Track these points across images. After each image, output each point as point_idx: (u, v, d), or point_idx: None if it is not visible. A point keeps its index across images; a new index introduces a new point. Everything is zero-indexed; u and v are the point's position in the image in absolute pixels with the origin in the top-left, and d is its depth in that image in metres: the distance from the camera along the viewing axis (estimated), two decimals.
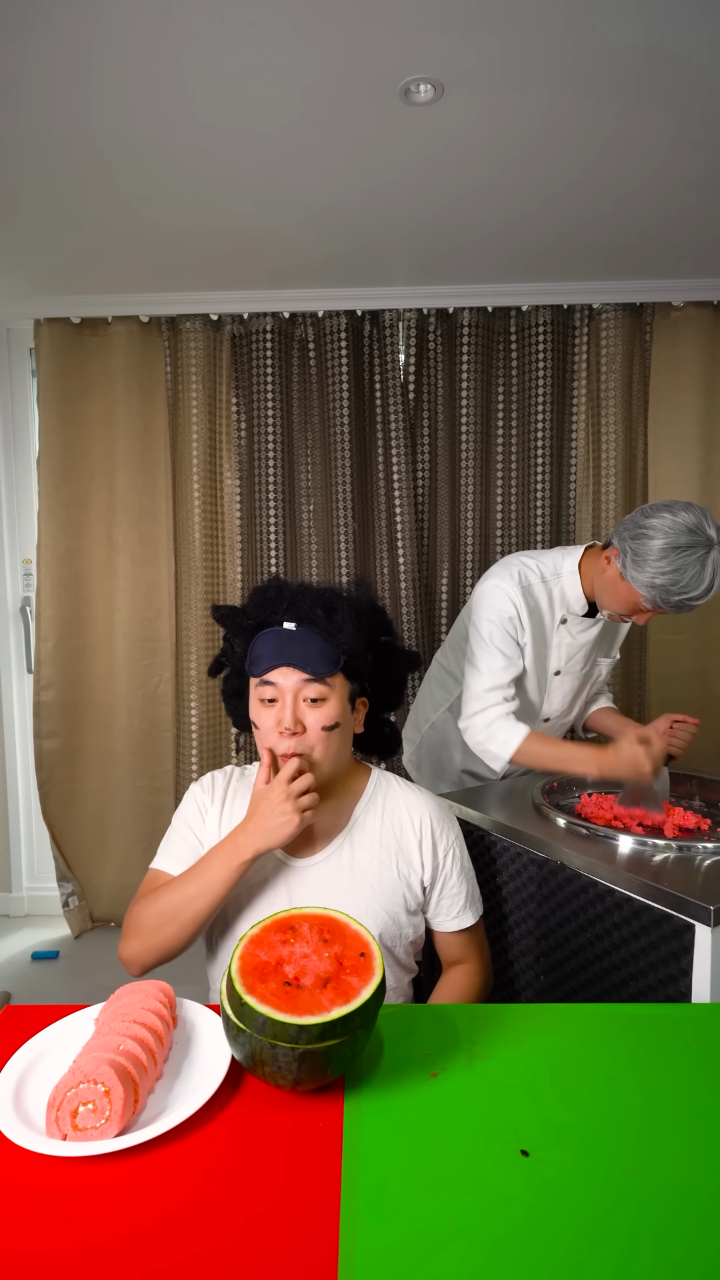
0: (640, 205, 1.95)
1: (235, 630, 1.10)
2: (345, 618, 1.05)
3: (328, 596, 1.08)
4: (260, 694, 1.05)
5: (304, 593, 1.09)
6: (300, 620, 1.06)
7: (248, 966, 0.74)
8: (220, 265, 2.27)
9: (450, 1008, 0.88)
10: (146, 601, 2.62)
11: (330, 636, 1.05)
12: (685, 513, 1.33)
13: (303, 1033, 0.68)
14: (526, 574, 1.56)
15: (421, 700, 1.93)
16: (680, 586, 1.33)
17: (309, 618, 1.05)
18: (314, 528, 2.59)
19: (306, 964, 0.75)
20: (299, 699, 1.04)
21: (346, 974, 0.74)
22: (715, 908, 1.02)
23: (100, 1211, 0.60)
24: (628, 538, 1.38)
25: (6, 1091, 0.72)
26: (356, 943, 0.78)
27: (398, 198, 1.90)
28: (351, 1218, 0.59)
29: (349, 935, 0.79)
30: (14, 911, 2.86)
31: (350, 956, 0.76)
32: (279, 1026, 0.67)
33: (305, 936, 0.78)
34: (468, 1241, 0.57)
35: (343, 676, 1.07)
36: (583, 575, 1.56)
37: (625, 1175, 0.63)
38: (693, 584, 1.33)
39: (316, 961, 0.75)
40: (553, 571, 1.58)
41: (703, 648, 2.53)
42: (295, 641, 1.04)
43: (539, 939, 1.32)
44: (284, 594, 1.09)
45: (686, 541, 1.32)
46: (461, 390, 2.48)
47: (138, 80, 1.45)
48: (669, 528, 1.33)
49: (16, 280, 2.37)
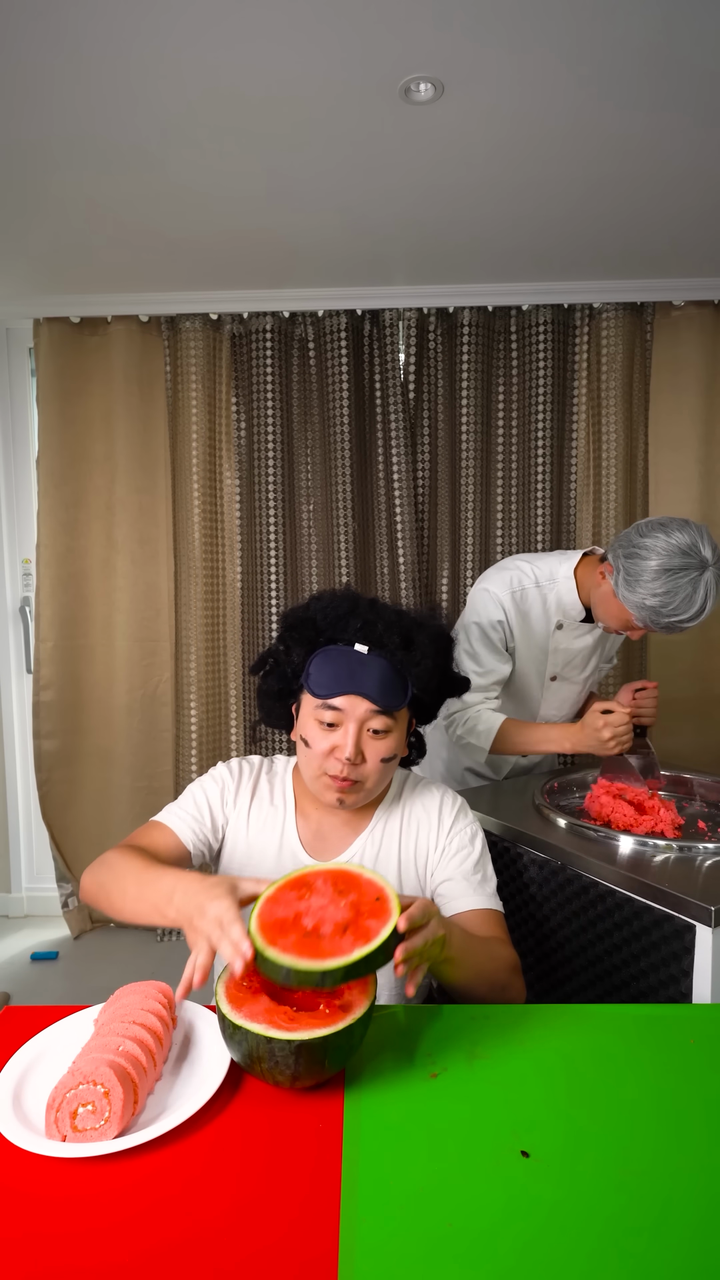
0: (640, 205, 1.94)
1: (299, 640, 1.04)
2: (425, 652, 1.01)
3: (406, 623, 1.03)
4: (321, 716, 1.00)
5: (379, 613, 1.03)
6: (373, 644, 1.01)
7: (267, 923, 0.74)
8: (220, 265, 2.27)
9: (451, 1008, 0.88)
10: (146, 601, 2.62)
11: (404, 669, 1.00)
12: (680, 533, 1.31)
13: (327, 977, 0.68)
14: (521, 579, 1.56)
15: None
16: (671, 609, 1.32)
17: (383, 643, 1.00)
18: (314, 528, 2.59)
19: (324, 914, 0.76)
20: (363, 728, 1.00)
21: (364, 919, 0.75)
22: (716, 908, 1.02)
23: (100, 1212, 0.59)
24: (621, 555, 1.37)
25: (6, 1092, 0.72)
26: (371, 889, 0.78)
27: (398, 197, 1.90)
28: (351, 1218, 0.59)
29: (363, 884, 0.79)
30: (14, 912, 2.85)
31: (366, 902, 0.77)
32: (303, 975, 0.68)
33: (320, 890, 0.79)
34: (468, 1241, 0.57)
35: (407, 709, 1.04)
36: (579, 582, 1.55)
37: (626, 1176, 0.63)
38: (683, 607, 1.31)
39: (334, 911, 0.76)
40: (548, 576, 1.57)
41: (703, 648, 2.53)
42: (366, 667, 0.99)
43: (539, 939, 1.32)
44: (358, 610, 1.03)
45: (680, 564, 1.30)
46: (461, 390, 2.48)
47: (137, 79, 1.45)
48: (663, 549, 1.31)
49: (16, 280, 2.37)
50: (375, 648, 1.00)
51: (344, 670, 0.99)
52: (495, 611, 1.54)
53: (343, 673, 0.99)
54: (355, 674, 0.98)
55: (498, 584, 1.56)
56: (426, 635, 1.03)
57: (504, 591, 1.55)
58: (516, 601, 1.55)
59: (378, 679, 0.98)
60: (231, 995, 0.73)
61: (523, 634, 1.57)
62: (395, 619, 1.03)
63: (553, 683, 1.65)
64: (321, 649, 1.02)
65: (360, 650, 1.00)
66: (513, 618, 1.55)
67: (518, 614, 1.55)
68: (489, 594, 1.56)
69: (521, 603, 1.56)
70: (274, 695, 1.10)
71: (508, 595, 1.55)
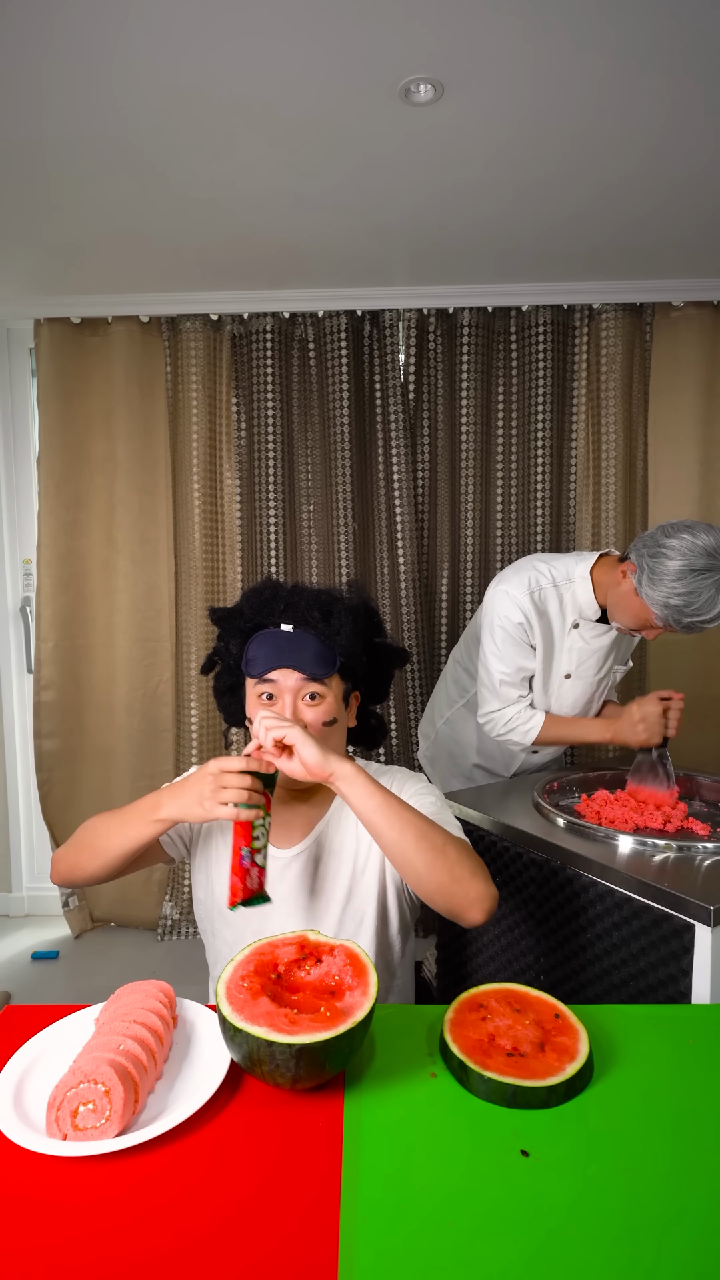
0: (640, 205, 1.95)
1: (232, 631, 1.12)
2: (342, 621, 1.07)
3: (324, 599, 1.10)
4: (259, 691, 1.07)
5: (299, 594, 1.11)
6: (297, 622, 1.08)
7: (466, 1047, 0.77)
8: (220, 265, 2.27)
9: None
10: (146, 601, 2.62)
11: (328, 639, 1.07)
12: (706, 535, 1.35)
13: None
14: (538, 579, 1.59)
15: (437, 697, 1.96)
16: (694, 609, 1.35)
17: (306, 620, 1.07)
18: (314, 528, 2.59)
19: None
20: (298, 697, 1.06)
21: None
22: (715, 908, 1.02)
23: (100, 1211, 0.60)
24: (646, 554, 1.39)
25: (6, 1091, 0.72)
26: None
27: (398, 198, 1.90)
28: (351, 1218, 0.59)
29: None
30: (14, 911, 2.86)
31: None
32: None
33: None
34: (468, 1241, 0.57)
35: (338, 676, 1.09)
36: (595, 583, 1.58)
37: (626, 1176, 0.63)
38: (706, 607, 1.35)
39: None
40: (565, 576, 1.59)
41: (703, 648, 2.53)
42: (293, 643, 1.06)
43: (539, 939, 1.32)
44: (280, 595, 1.10)
45: (704, 565, 1.33)
46: (461, 390, 2.48)
47: (137, 80, 1.45)
48: (688, 549, 1.34)
49: (16, 280, 2.37)
50: (300, 625, 1.07)
51: (274, 649, 1.06)
52: (515, 613, 1.57)
53: (273, 651, 1.06)
54: (284, 650, 1.05)
55: (516, 585, 1.58)
56: (344, 606, 1.09)
57: (522, 593, 1.57)
58: (535, 602, 1.58)
59: (304, 652, 1.05)
60: (232, 997, 0.73)
61: (541, 632, 1.60)
62: (315, 597, 1.10)
63: (566, 680, 1.67)
64: (254, 635, 1.09)
65: (287, 629, 1.07)
66: (532, 617, 1.58)
67: (536, 614, 1.58)
68: (508, 596, 1.58)
69: (540, 602, 1.58)
70: (226, 691, 1.17)
71: (526, 596, 1.57)
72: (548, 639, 1.61)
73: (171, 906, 2.67)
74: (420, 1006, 0.89)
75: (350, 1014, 0.72)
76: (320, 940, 0.83)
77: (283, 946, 0.82)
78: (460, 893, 0.93)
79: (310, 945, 0.82)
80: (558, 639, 1.62)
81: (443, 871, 0.92)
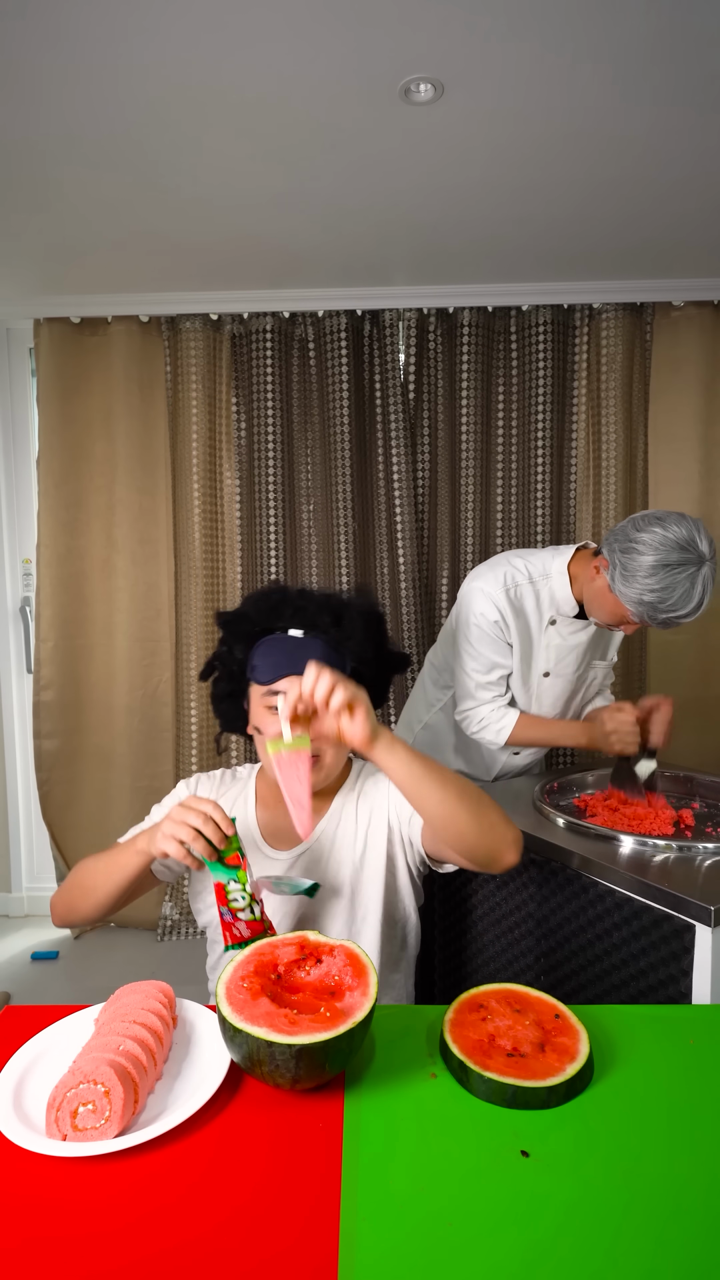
0: (640, 205, 1.94)
1: (238, 636, 1.09)
2: (354, 626, 1.05)
3: (334, 603, 1.07)
4: (267, 701, 1.05)
5: (308, 598, 1.08)
6: (307, 626, 1.05)
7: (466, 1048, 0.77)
8: (220, 265, 2.27)
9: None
10: (146, 601, 2.62)
11: (339, 644, 1.04)
12: (677, 526, 1.29)
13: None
14: (513, 574, 1.54)
15: (414, 700, 1.89)
16: (669, 605, 1.30)
17: (316, 624, 1.05)
18: (314, 528, 2.59)
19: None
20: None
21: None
22: (715, 908, 1.02)
23: (100, 1212, 0.59)
24: (617, 550, 1.34)
25: (6, 1091, 0.72)
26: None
27: (397, 198, 1.90)
28: (351, 1218, 0.59)
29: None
30: (14, 911, 2.85)
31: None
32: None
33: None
34: (468, 1241, 0.57)
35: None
36: (573, 577, 1.52)
37: (626, 1176, 0.63)
38: (681, 602, 1.29)
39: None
40: (541, 572, 1.54)
41: (703, 648, 2.53)
42: (303, 649, 1.03)
43: (539, 939, 1.32)
44: (288, 599, 1.08)
45: (677, 559, 1.28)
46: (461, 390, 2.47)
47: (137, 80, 1.45)
48: (659, 543, 1.28)
49: (16, 280, 2.37)
50: (309, 630, 1.05)
51: (283, 655, 1.03)
52: (490, 610, 1.52)
53: (282, 658, 1.03)
54: (293, 656, 1.02)
55: (491, 582, 1.53)
56: (355, 611, 1.07)
57: (497, 589, 1.52)
58: (511, 598, 1.53)
59: (315, 658, 1.01)
60: (232, 997, 0.73)
61: (518, 630, 1.55)
62: (324, 601, 1.08)
63: (545, 679, 1.62)
64: (261, 640, 1.06)
65: (296, 634, 1.05)
66: (508, 614, 1.53)
67: (513, 610, 1.53)
68: (482, 592, 1.53)
69: (516, 599, 1.53)
70: (226, 697, 1.14)
71: (501, 593, 1.52)
72: (525, 637, 1.56)
73: (171, 907, 2.67)
74: (420, 1006, 0.88)
75: (350, 1014, 0.72)
76: (320, 940, 0.83)
77: (283, 947, 0.82)
78: (499, 838, 0.95)
79: (310, 945, 0.82)
80: (535, 636, 1.57)
81: (484, 822, 0.95)
